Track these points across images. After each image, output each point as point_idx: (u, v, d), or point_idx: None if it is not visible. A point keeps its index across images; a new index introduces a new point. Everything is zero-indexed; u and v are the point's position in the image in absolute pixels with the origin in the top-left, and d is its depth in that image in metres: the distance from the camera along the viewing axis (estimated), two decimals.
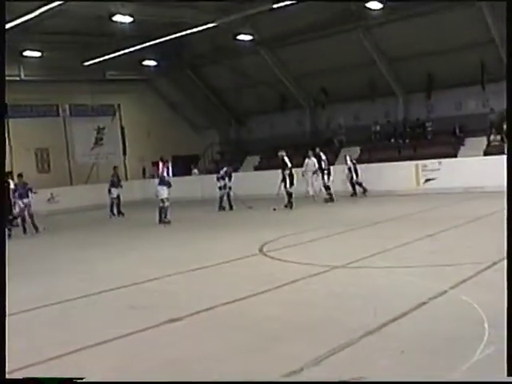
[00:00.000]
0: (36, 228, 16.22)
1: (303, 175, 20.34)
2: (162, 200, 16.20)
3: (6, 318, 5.49)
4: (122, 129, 29.34)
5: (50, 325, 6.46)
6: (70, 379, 3.82)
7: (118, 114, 29.21)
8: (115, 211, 20.19)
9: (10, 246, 13.42)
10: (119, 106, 29.14)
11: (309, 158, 20.50)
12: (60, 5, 17.59)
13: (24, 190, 16.30)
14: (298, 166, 19.64)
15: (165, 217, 16.26)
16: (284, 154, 18.77)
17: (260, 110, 29.15)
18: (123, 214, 20.17)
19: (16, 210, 16.33)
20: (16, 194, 16.26)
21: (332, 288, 7.29)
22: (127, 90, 28.73)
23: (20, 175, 17.10)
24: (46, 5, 17.42)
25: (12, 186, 16.64)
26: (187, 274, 8.82)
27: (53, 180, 25.83)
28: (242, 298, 6.89)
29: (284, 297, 7.03)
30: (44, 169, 25.56)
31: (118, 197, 20.26)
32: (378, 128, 25.41)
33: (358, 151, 24.74)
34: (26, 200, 16.20)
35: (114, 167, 21.51)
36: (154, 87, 31.58)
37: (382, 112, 25.50)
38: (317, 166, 20.21)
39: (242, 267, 9.22)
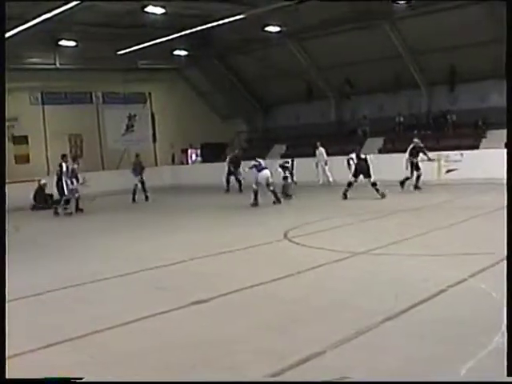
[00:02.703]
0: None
1: (316, 166, 21.68)
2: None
3: (29, 298, 6.02)
4: (153, 116, 29.91)
5: (77, 304, 6.55)
6: (70, 379, 3.83)
7: (148, 101, 29.80)
8: (136, 197, 20.14)
9: (37, 227, 14.31)
10: (150, 94, 29.70)
11: (317, 148, 21.60)
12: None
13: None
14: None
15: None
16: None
17: (287, 100, 29.40)
18: (147, 198, 20.29)
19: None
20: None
21: (354, 274, 7.43)
22: (158, 78, 29.21)
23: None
24: None
25: (64, 168, 17.13)
26: (215, 258, 8.95)
27: (85, 165, 26.27)
28: (267, 282, 7.02)
29: (307, 281, 7.14)
30: (77, 154, 26.16)
31: (143, 183, 20.34)
32: (401, 119, 25.53)
33: (382, 142, 24.97)
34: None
35: (137, 155, 21.40)
36: (184, 76, 31.90)
37: (405, 104, 25.60)
38: (325, 155, 20.96)
39: (268, 252, 9.37)
